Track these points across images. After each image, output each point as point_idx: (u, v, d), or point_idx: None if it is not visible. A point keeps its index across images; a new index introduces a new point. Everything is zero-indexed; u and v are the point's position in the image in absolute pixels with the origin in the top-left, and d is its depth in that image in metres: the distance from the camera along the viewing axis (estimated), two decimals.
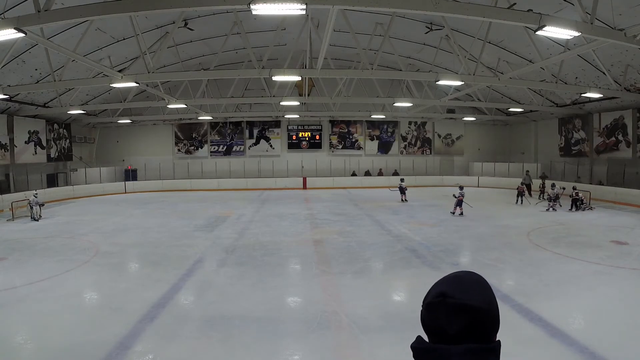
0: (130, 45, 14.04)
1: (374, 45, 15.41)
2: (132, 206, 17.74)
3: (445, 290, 0.92)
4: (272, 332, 5.07)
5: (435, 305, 0.91)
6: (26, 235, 11.47)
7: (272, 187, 24.88)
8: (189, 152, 27.17)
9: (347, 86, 18.07)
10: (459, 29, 13.92)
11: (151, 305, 5.94)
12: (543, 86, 15.55)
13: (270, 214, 14.91)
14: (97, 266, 8.18)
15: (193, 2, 7.49)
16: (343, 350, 4.70)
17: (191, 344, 4.79)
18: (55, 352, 4.58)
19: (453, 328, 0.87)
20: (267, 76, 12.46)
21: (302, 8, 6.40)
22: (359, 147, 27.64)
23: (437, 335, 0.90)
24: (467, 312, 0.88)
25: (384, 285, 7.12)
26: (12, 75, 13.75)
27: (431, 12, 7.54)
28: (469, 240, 10.40)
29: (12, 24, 6.91)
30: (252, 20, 13.91)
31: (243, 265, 8.22)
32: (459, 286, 0.93)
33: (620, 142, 17.88)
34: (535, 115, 23.34)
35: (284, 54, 16.54)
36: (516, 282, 7.06)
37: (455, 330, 0.87)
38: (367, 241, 10.27)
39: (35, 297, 6.36)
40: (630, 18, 9.78)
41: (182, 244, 10.17)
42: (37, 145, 19.83)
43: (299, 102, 19.47)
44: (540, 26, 7.37)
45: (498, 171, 24.64)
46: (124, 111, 22.02)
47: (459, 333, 0.87)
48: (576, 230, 11.22)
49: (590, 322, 5.40)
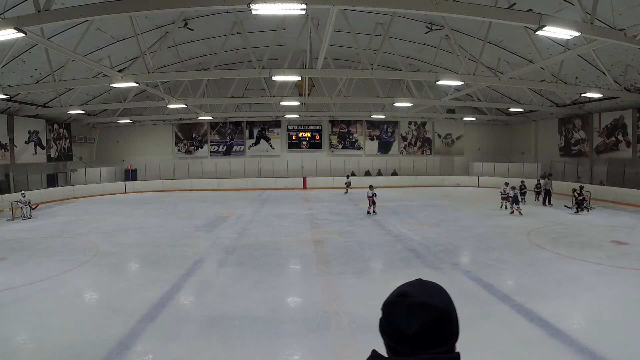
0: (130, 45, 14.05)
1: (374, 45, 15.42)
2: (132, 206, 17.74)
3: (407, 290, 0.93)
4: (272, 332, 5.07)
5: (396, 305, 0.91)
6: (26, 235, 11.46)
7: (272, 187, 24.89)
8: (189, 152, 27.17)
9: (347, 86, 18.07)
10: (459, 29, 13.92)
11: (151, 305, 5.94)
12: (543, 86, 15.55)
13: (270, 214, 14.91)
14: (97, 266, 8.18)
15: (193, 2, 7.49)
16: (343, 350, 4.69)
17: (191, 344, 4.78)
18: (55, 352, 4.58)
19: (412, 327, 0.87)
20: (267, 76, 12.47)
21: (302, 8, 6.40)
22: (359, 147, 27.65)
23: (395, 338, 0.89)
24: (426, 311, 0.88)
25: (384, 285, 7.07)
26: (12, 75, 13.75)
27: (431, 12, 7.55)
28: (468, 240, 10.39)
29: (12, 24, 6.92)
30: (252, 20, 13.92)
31: (243, 265, 8.21)
32: (420, 288, 0.94)
33: (620, 142, 17.88)
34: (535, 115, 23.34)
35: (284, 54, 16.55)
36: (516, 282, 7.06)
37: (414, 330, 0.86)
38: (367, 241, 10.27)
39: (35, 297, 6.36)
40: (630, 18, 9.78)
41: (182, 244, 10.17)
42: (37, 145, 19.84)
43: (299, 102, 19.46)
44: (540, 26, 7.38)
45: (498, 171, 24.64)
46: (124, 111, 22.03)
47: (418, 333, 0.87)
48: (576, 230, 11.21)
49: (590, 322, 5.40)
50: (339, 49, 17.76)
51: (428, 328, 0.87)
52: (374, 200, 14.34)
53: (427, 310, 0.88)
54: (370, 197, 14.31)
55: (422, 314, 0.88)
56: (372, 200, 14.32)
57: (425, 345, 0.87)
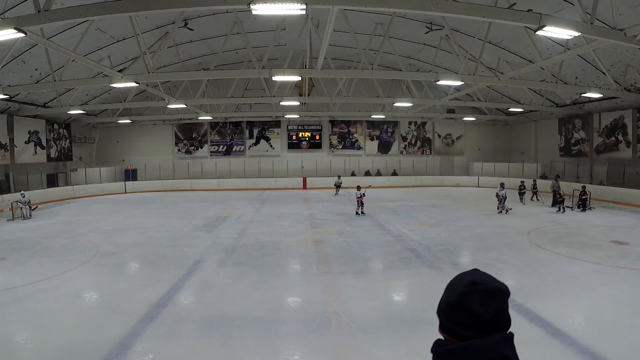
0: (130, 45, 14.05)
1: (374, 45, 15.41)
2: (132, 206, 17.74)
3: (475, 278, 0.98)
4: (272, 332, 5.07)
5: (469, 293, 0.95)
6: (26, 235, 11.46)
7: (272, 187, 24.88)
8: (189, 152, 27.18)
9: (347, 86, 18.07)
10: (459, 29, 13.92)
11: (151, 305, 5.94)
12: (543, 86, 15.55)
13: (270, 214, 14.91)
14: (97, 266, 8.18)
15: (193, 2, 7.49)
16: (343, 350, 4.69)
17: (191, 344, 4.79)
18: (55, 352, 4.58)
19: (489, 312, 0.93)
20: (267, 76, 12.47)
21: (302, 8, 6.40)
22: (359, 147, 27.65)
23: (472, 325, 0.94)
24: (497, 295, 0.95)
25: (384, 285, 7.11)
26: (12, 75, 13.75)
27: (431, 12, 7.55)
28: (468, 240, 10.39)
29: (12, 24, 6.92)
30: (252, 20, 13.92)
31: (243, 265, 8.21)
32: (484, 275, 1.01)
33: (620, 142, 17.88)
34: (535, 115, 23.34)
35: (284, 54, 16.55)
36: (516, 282, 7.05)
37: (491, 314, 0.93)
38: (367, 241, 10.27)
39: (35, 297, 6.36)
40: (630, 18, 9.78)
41: (182, 244, 10.17)
42: (37, 145, 19.84)
43: (299, 102, 19.46)
44: (540, 26, 7.38)
45: (498, 171, 24.64)
46: (124, 111, 22.04)
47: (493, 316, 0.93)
48: (576, 230, 11.21)
49: (590, 322, 5.40)
50: (339, 49, 17.76)
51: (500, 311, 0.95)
52: (362, 201, 14.20)
53: (499, 294, 0.96)
54: (358, 197, 14.18)
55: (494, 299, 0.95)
56: (360, 201, 14.19)
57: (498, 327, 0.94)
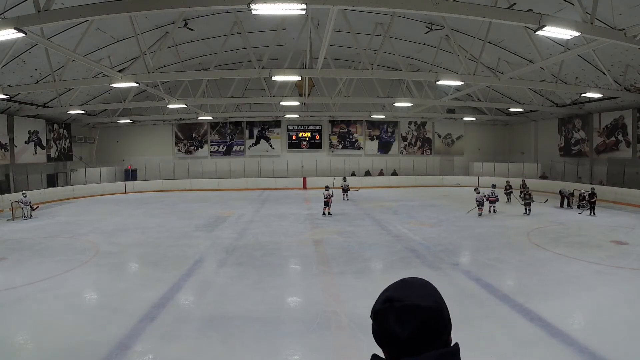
0: (130, 45, 14.04)
1: (374, 45, 15.40)
2: (132, 206, 17.74)
3: (391, 295, 0.90)
4: (272, 332, 5.07)
5: (383, 312, 0.89)
6: (26, 235, 11.46)
7: (272, 187, 24.88)
8: (189, 152, 27.18)
9: (347, 86, 18.06)
10: (459, 29, 13.91)
11: (151, 305, 5.94)
12: (543, 86, 15.55)
13: (270, 214, 14.91)
14: (97, 266, 8.18)
15: (193, 2, 7.48)
16: (343, 350, 4.69)
17: (191, 344, 4.78)
18: (55, 352, 4.58)
19: (405, 332, 0.85)
20: (267, 76, 12.47)
21: (302, 8, 6.40)
22: (359, 147, 27.64)
23: (390, 344, 0.87)
24: (415, 313, 0.86)
25: (384, 285, 6.97)
26: (12, 75, 13.75)
27: (431, 12, 7.55)
28: (468, 240, 10.39)
29: (12, 24, 6.91)
30: (252, 20, 13.91)
31: (243, 265, 8.21)
32: (404, 290, 0.91)
33: (620, 142, 17.88)
34: (535, 115, 23.34)
35: (284, 54, 16.55)
36: (516, 282, 7.06)
37: (407, 334, 0.84)
38: (367, 241, 10.27)
39: (35, 297, 6.36)
40: (630, 18, 9.77)
41: (182, 244, 10.17)
42: (37, 145, 19.83)
43: (299, 102, 19.46)
44: (540, 26, 7.38)
45: (498, 171, 24.62)
46: (124, 111, 22.04)
47: (411, 336, 0.85)
48: (576, 230, 11.22)
49: (590, 322, 5.40)
50: (339, 49, 17.75)
51: (421, 329, 0.85)
52: (329, 202, 13.98)
53: (416, 312, 0.86)
54: (326, 198, 13.96)
55: (412, 317, 0.85)
56: (328, 202, 13.97)
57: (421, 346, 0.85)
